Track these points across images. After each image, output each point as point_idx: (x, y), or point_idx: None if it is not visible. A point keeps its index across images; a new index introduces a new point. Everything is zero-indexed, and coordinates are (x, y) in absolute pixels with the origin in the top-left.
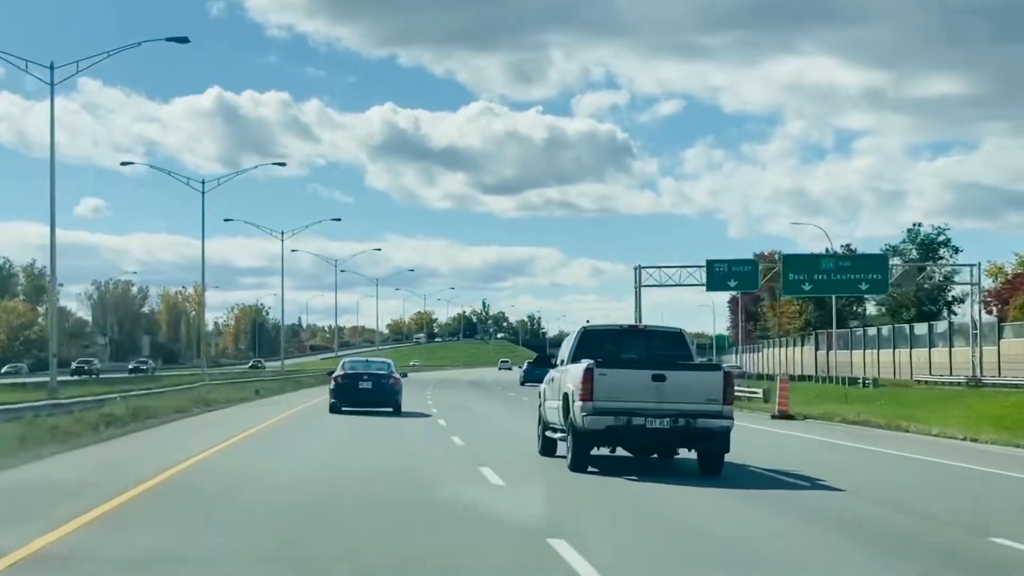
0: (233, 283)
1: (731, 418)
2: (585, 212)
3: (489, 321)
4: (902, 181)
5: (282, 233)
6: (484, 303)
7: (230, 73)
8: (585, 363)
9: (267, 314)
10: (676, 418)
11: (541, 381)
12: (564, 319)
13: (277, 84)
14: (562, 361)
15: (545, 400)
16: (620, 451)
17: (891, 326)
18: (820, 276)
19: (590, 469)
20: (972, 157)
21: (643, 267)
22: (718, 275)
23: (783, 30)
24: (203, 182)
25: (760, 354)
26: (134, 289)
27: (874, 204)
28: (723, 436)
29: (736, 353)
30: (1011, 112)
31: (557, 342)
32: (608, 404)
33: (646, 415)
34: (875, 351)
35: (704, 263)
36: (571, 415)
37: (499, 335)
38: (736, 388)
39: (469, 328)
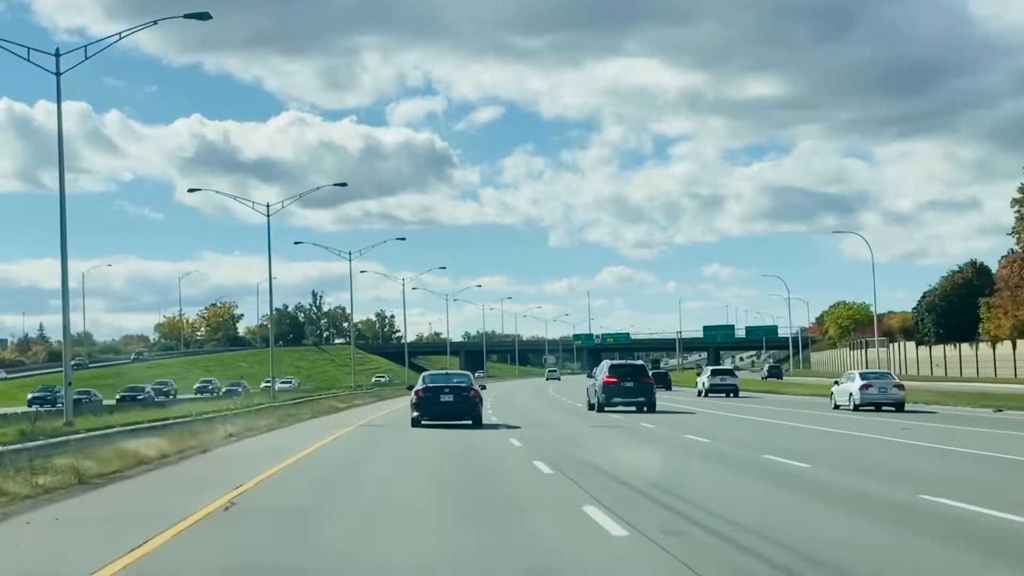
0: (45, 306)
1: None
2: (406, 224)
3: (323, 322)
4: (720, 186)
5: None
6: (316, 295)
7: (18, 82)
8: None
9: None
10: None
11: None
12: (439, 321)
13: (73, 94)
14: None
15: None
16: None
17: None
18: None
19: None
20: (786, 160)
21: None
22: None
23: (607, 31)
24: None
25: None
26: None
27: (694, 210)
28: None
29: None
30: (824, 114)
31: (421, 349)
32: None
33: None
34: None
35: None
36: None
37: (337, 340)
38: None
39: (295, 330)
